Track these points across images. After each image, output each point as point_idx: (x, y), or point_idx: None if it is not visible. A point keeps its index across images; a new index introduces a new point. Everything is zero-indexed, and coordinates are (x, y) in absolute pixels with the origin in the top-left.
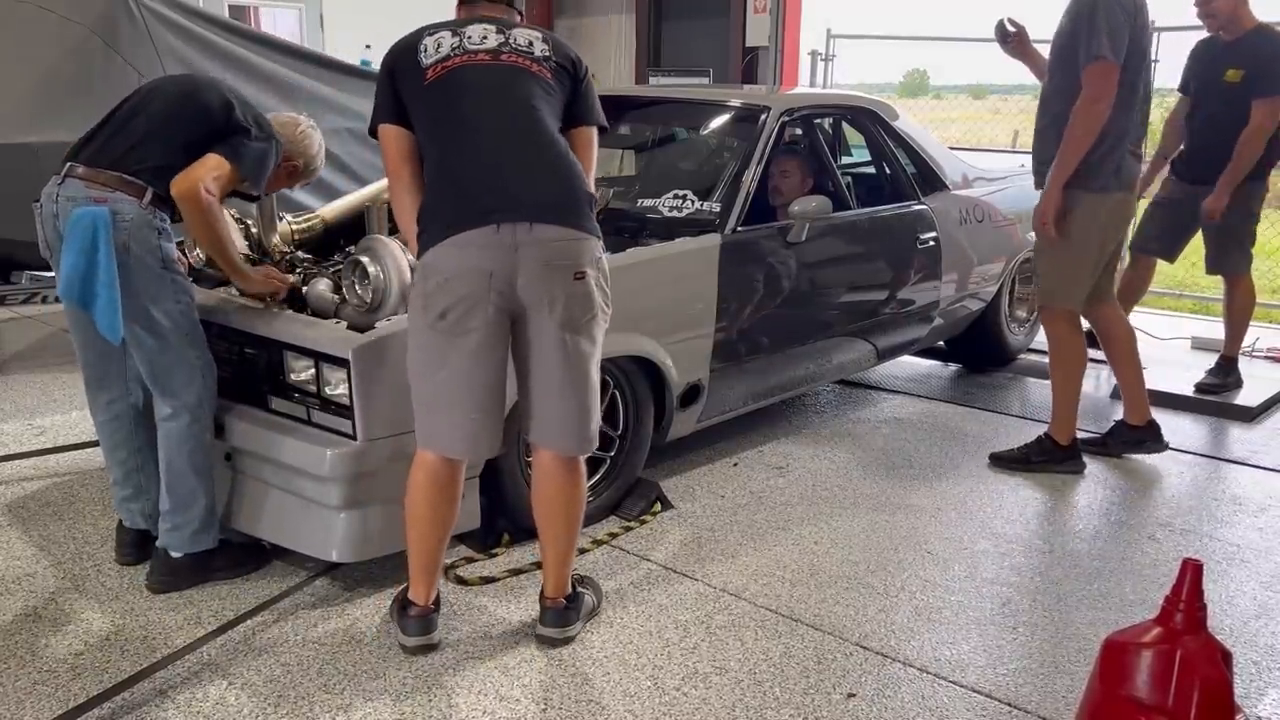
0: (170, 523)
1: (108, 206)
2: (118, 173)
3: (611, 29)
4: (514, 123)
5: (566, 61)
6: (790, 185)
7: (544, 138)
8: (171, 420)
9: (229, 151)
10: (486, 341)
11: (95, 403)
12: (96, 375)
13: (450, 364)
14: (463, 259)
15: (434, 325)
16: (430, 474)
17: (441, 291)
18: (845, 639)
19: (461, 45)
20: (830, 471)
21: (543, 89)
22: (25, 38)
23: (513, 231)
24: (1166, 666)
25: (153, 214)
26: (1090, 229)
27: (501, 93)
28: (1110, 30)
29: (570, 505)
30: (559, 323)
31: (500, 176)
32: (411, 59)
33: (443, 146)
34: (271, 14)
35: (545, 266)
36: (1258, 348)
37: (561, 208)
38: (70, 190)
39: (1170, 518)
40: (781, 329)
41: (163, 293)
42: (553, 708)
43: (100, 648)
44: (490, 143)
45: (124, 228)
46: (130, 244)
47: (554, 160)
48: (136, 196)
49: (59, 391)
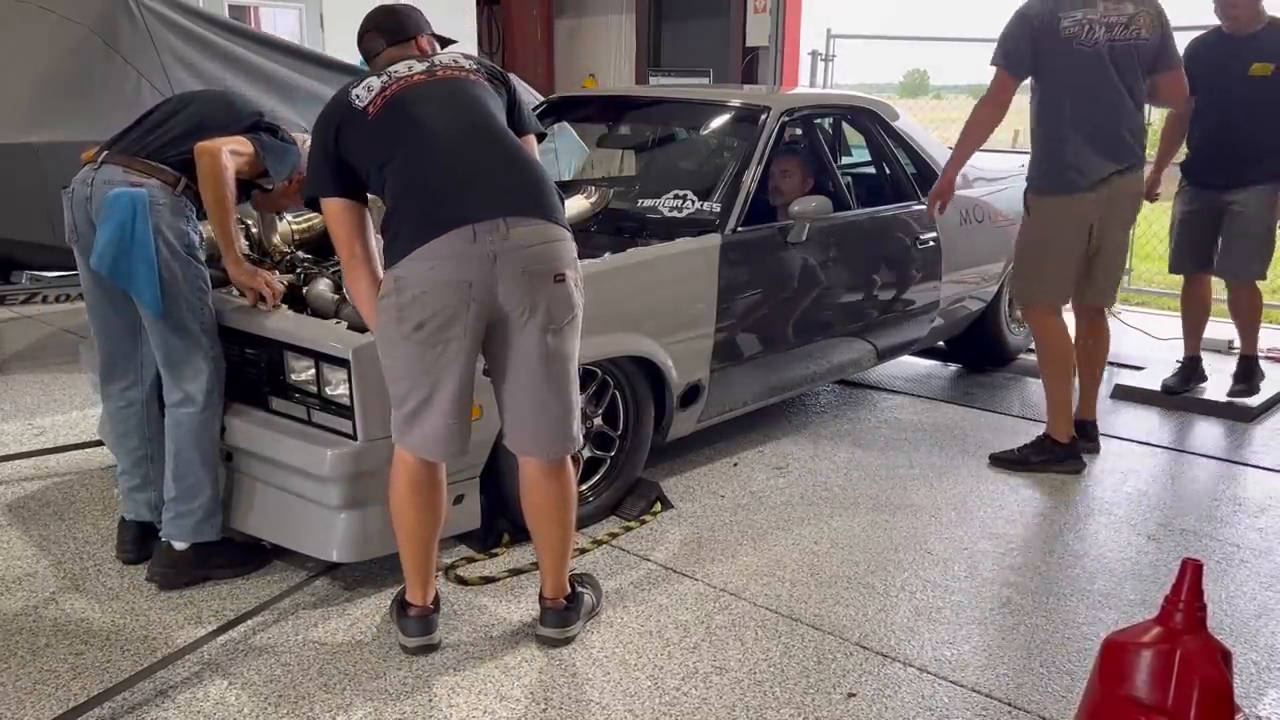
0: (174, 511)
1: (145, 190)
2: (155, 162)
3: (611, 29)
4: (469, 120)
5: (495, 73)
6: (790, 185)
7: (502, 134)
8: (181, 407)
9: (254, 138)
10: (464, 348)
11: (109, 389)
12: (112, 360)
13: (425, 371)
14: (439, 272)
15: (409, 336)
16: (410, 475)
17: (417, 304)
18: (845, 639)
19: (391, 78)
20: (830, 471)
21: (485, 93)
22: (25, 38)
23: (489, 238)
24: (1166, 666)
25: (184, 203)
26: (1037, 228)
27: (449, 100)
28: (1003, 39)
29: (561, 509)
30: (540, 326)
31: (468, 174)
32: (348, 111)
33: (401, 162)
34: (271, 14)
35: (524, 274)
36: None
37: (534, 198)
38: (106, 175)
39: (1170, 518)
40: (781, 329)
41: (187, 278)
42: (553, 708)
43: (100, 648)
44: (450, 145)
45: (157, 211)
46: (162, 227)
47: (516, 152)
48: (171, 184)
49: (59, 391)
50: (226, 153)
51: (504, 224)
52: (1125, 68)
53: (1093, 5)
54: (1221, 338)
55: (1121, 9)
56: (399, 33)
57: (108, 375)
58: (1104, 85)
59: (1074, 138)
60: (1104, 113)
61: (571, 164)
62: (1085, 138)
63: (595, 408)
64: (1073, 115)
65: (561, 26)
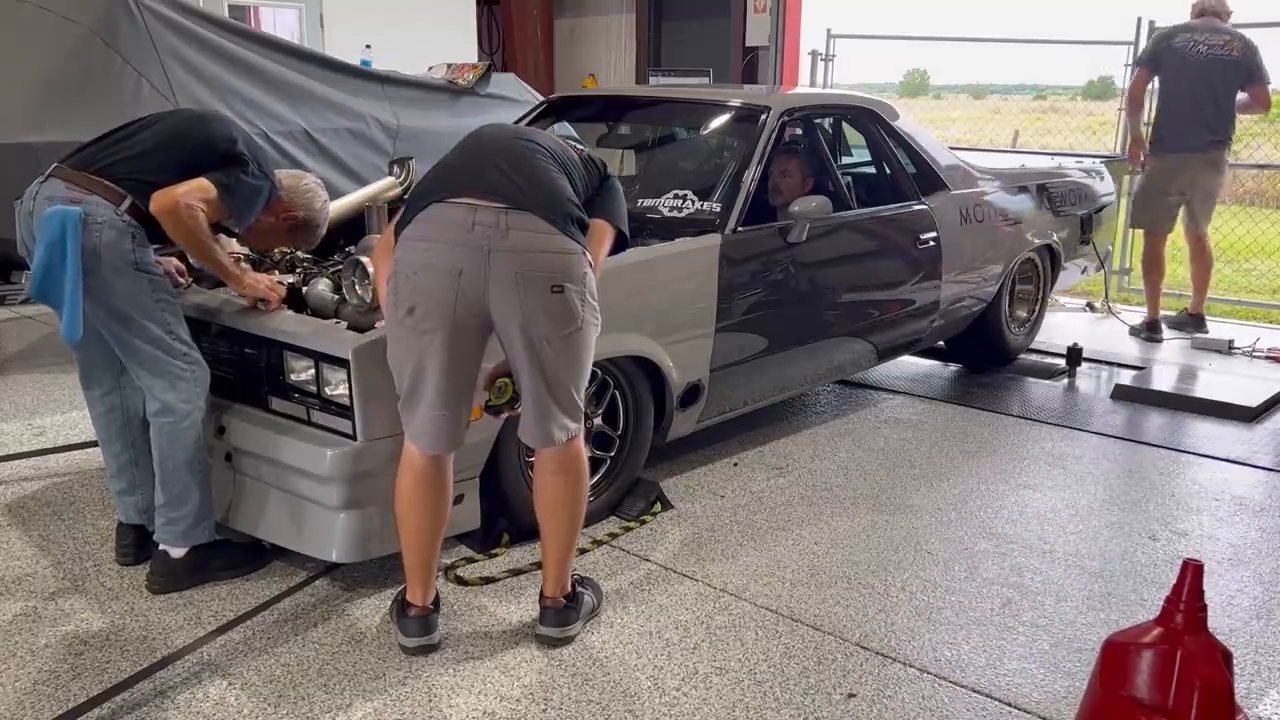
0: (165, 517)
1: (80, 208)
2: (100, 177)
3: (611, 29)
4: (514, 140)
5: (588, 160)
6: (790, 185)
7: (542, 158)
8: (160, 417)
9: (220, 180)
10: (450, 340)
11: (90, 397)
12: (88, 369)
13: (417, 359)
14: (433, 254)
15: (402, 320)
16: (415, 470)
17: (408, 286)
18: (845, 639)
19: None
20: (830, 471)
21: (547, 144)
22: (25, 38)
23: (487, 231)
24: (1167, 667)
25: (128, 221)
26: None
27: (510, 131)
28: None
29: (570, 503)
30: (541, 336)
31: (485, 161)
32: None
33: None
34: (271, 14)
35: (518, 277)
36: (1258, 348)
37: (548, 204)
38: (49, 189)
39: (1170, 518)
40: (781, 329)
41: (138, 295)
42: (553, 708)
43: (100, 648)
44: (486, 147)
45: (95, 229)
46: (100, 247)
47: (546, 168)
48: (114, 202)
49: (58, 391)
50: (181, 203)
51: (504, 218)
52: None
53: (1198, 30)
54: (1223, 337)
55: (1219, 36)
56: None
57: (86, 382)
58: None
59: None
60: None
61: None
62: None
63: (595, 408)
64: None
65: (561, 26)
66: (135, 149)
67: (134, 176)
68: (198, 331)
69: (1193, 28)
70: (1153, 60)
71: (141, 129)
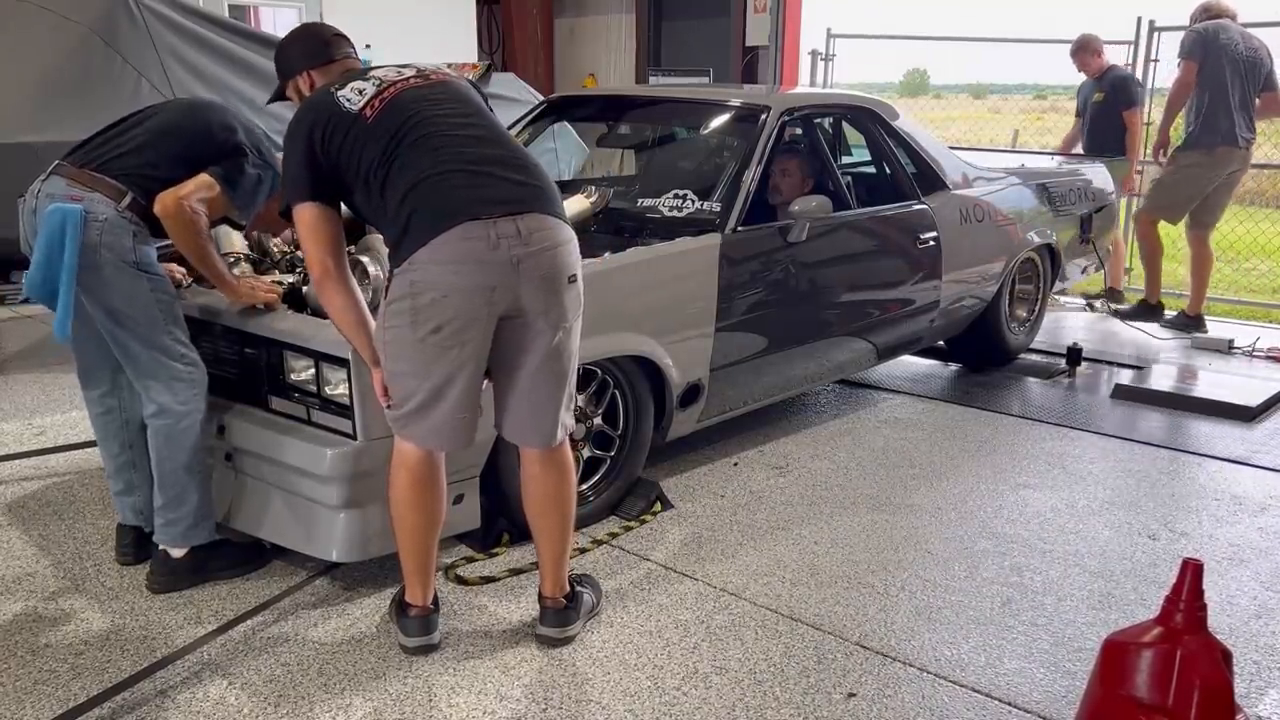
0: (164, 518)
1: (82, 205)
2: (101, 174)
3: (611, 28)
4: (475, 119)
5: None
6: (790, 185)
7: (507, 135)
8: (157, 418)
9: (221, 174)
10: (480, 346)
11: (88, 397)
12: (87, 369)
13: (441, 370)
14: (463, 277)
15: (425, 339)
16: (410, 472)
17: (436, 307)
18: (845, 639)
19: (384, 81)
20: (830, 471)
21: (478, 95)
22: (25, 38)
23: (509, 242)
24: (1167, 666)
25: (129, 218)
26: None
27: (452, 102)
28: (1186, 45)
29: (561, 503)
30: (553, 325)
31: (479, 168)
32: (336, 114)
33: (408, 158)
34: (271, 13)
35: (543, 279)
36: (1258, 347)
37: (546, 196)
38: (51, 187)
39: (1170, 518)
40: (781, 328)
41: (137, 294)
42: (553, 708)
43: (100, 648)
44: (460, 140)
45: (96, 227)
46: (101, 245)
47: (521, 149)
48: (114, 199)
49: (59, 391)
50: (187, 205)
51: (520, 224)
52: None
53: (1233, 30)
54: (1223, 337)
55: (1251, 38)
56: (349, 46)
57: (85, 383)
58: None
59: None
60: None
61: (571, 164)
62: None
63: (595, 408)
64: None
65: (561, 26)
66: (133, 143)
67: (134, 172)
68: (198, 331)
69: (1228, 27)
70: (1202, 54)
71: (139, 122)
